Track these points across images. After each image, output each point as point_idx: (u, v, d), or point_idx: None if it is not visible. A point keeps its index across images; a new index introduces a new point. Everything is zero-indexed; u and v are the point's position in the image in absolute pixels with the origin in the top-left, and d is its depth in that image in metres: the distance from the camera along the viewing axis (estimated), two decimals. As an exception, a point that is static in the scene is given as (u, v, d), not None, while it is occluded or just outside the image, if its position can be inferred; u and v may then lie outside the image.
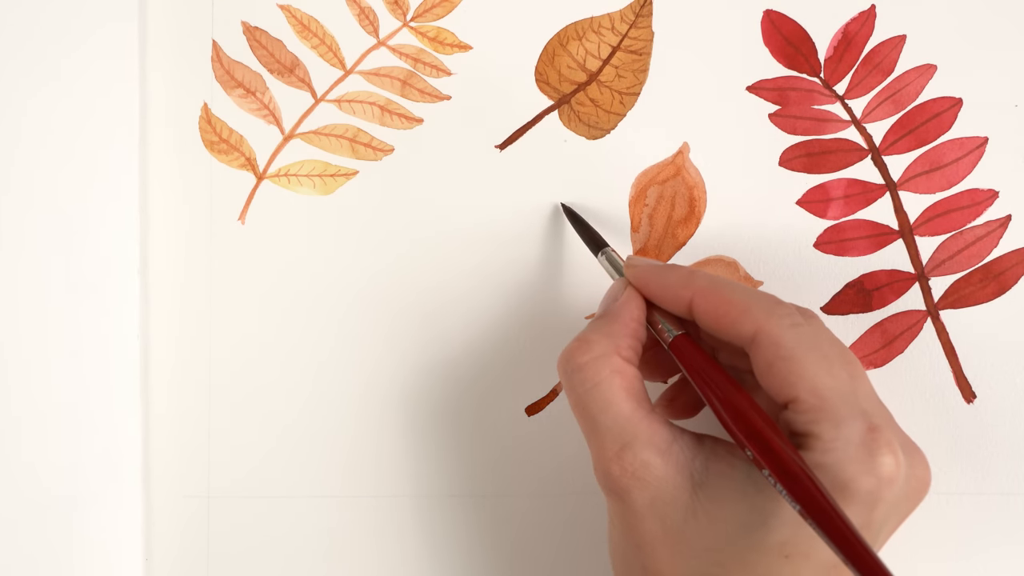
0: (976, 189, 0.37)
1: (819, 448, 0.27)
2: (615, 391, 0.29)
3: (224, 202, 0.38)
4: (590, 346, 0.30)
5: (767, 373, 0.28)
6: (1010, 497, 0.36)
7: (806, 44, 0.37)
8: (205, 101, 0.38)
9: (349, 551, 0.37)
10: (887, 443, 0.27)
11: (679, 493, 0.28)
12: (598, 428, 0.29)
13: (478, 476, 0.37)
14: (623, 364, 0.30)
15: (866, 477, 0.26)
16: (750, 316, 0.29)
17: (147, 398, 0.37)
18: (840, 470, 0.26)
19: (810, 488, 0.25)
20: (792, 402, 0.28)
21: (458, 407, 0.37)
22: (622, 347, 0.30)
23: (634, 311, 0.31)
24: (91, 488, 0.36)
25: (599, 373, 0.29)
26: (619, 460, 0.28)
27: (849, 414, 0.27)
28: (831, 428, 0.27)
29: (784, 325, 0.28)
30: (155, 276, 0.37)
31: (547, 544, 0.37)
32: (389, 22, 0.38)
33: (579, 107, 0.38)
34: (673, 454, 0.29)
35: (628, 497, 0.29)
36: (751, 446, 0.27)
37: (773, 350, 0.28)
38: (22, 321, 0.37)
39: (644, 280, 0.32)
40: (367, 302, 0.37)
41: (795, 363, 0.28)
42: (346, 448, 0.37)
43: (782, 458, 0.26)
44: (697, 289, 0.30)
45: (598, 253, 0.34)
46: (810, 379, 0.27)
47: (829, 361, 0.28)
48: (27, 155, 0.37)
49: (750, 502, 0.28)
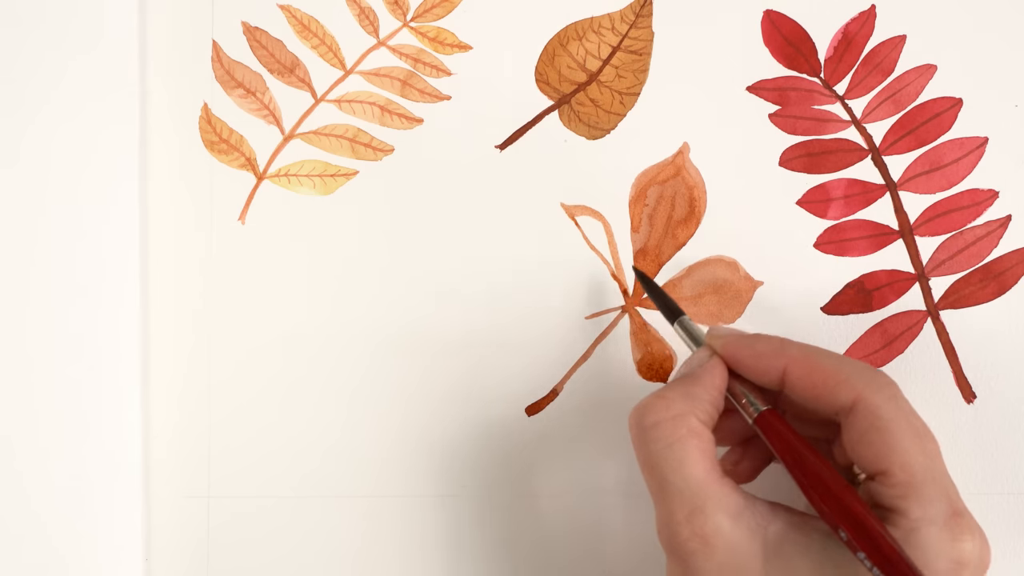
0: (976, 189, 0.37)
1: (904, 526, 0.27)
2: (690, 452, 0.28)
3: (224, 202, 0.38)
4: (668, 404, 0.29)
5: (860, 442, 0.28)
6: (1010, 497, 0.36)
7: (806, 44, 0.37)
8: (205, 101, 0.38)
9: (349, 551, 0.37)
10: (970, 529, 0.27)
11: (750, 561, 0.28)
12: (668, 488, 0.28)
13: (478, 476, 0.37)
14: (700, 427, 0.29)
15: (946, 561, 0.27)
16: (849, 385, 0.29)
17: (147, 398, 0.37)
18: (923, 550, 0.27)
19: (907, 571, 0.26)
20: (881, 475, 0.28)
21: (458, 407, 0.37)
22: (700, 410, 0.29)
23: (717, 379, 0.31)
24: (91, 488, 0.36)
25: (675, 432, 0.29)
26: (689, 523, 0.28)
27: (936, 494, 0.27)
28: (918, 507, 0.27)
29: (884, 396, 0.28)
30: (155, 276, 0.37)
31: (547, 544, 0.37)
32: (389, 22, 0.38)
33: (579, 107, 0.38)
34: (745, 520, 0.28)
35: (695, 562, 0.28)
36: (845, 527, 0.27)
37: (871, 420, 0.28)
38: (22, 321, 0.37)
39: (733, 349, 0.31)
40: (367, 302, 0.37)
41: (890, 436, 0.28)
42: (345, 448, 0.37)
43: (878, 540, 0.26)
44: (791, 359, 0.30)
45: (674, 322, 0.34)
46: (903, 453, 0.27)
47: (920, 437, 0.28)
48: (27, 155, 0.37)
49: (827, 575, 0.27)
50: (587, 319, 0.37)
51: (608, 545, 0.37)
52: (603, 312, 0.37)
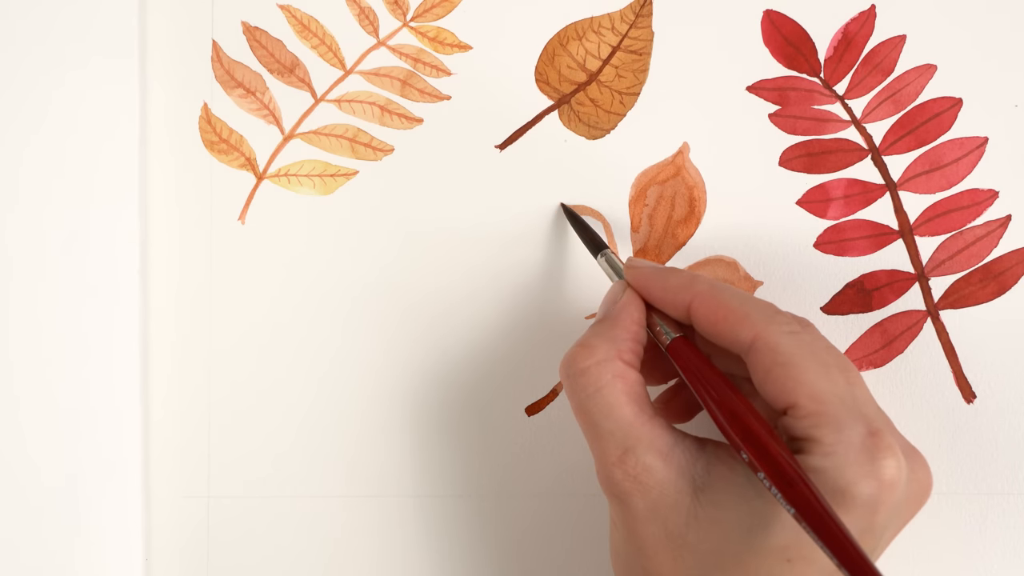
0: (976, 189, 0.37)
1: (819, 452, 0.27)
2: (617, 396, 0.29)
3: (224, 202, 0.38)
4: (592, 351, 0.30)
5: (765, 380, 0.28)
6: (1010, 497, 0.36)
7: (806, 44, 0.37)
8: (205, 101, 0.38)
9: (349, 551, 0.37)
10: (888, 447, 0.27)
11: (681, 497, 0.28)
12: (600, 433, 0.29)
13: (478, 476, 0.37)
14: (625, 368, 0.30)
15: (867, 481, 0.26)
16: (748, 323, 0.29)
17: (147, 398, 0.37)
18: (841, 474, 0.26)
19: (805, 492, 0.25)
20: (791, 408, 0.28)
21: (458, 407, 0.37)
22: (623, 351, 0.30)
23: (634, 314, 0.31)
24: (91, 488, 0.36)
25: (601, 378, 0.29)
26: (621, 464, 0.29)
27: (849, 418, 0.27)
28: (831, 432, 0.27)
29: (782, 332, 0.28)
30: (155, 276, 0.37)
31: (547, 544, 0.37)
32: (389, 22, 0.38)
33: (579, 107, 0.38)
34: (675, 458, 0.29)
35: (630, 501, 0.29)
36: (747, 449, 0.27)
37: (771, 356, 0.28)
38: (23, 321, 0.37)
39: (644, 283, 0.32)
40: (367, 302, 0.37)
41: (793, 369, 0.28)
42: (346, 448, 0.37)
43: (778, 462, 0.26)
44: (696, 294, 0.30)
45: (597, 255, 0.34)
46: (809, 384, 0.27)
47: (827, 367, 0.28)
48: (27, 155, 0.37)
49: (752, 506, 0.27)
50: (587, 319, 0.37)
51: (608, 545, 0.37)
52: (603, 312, 0.37)
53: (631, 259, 0.33)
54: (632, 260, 0.33)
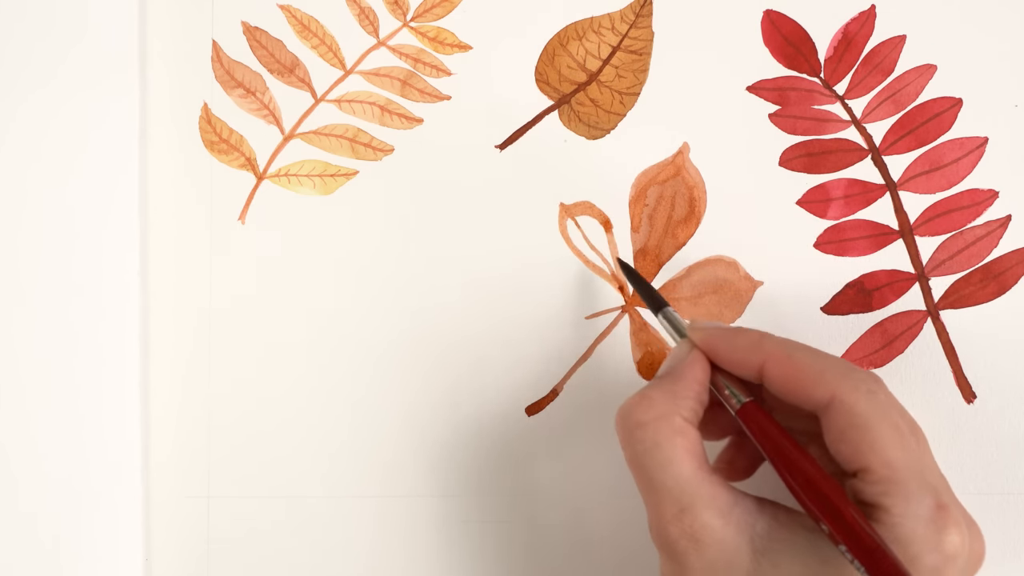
0: (976, 189, 0.37)
1: (887, 522, 0.27)
2: (677, 451, 0.28)
3: (224, 202, 0.38)
4: (652, 404, 0.29)
5: (839, 440, 0.28)
6: (1010, 497, 0.36)
7: (806, 44, 0.37)
8: (205, 101, 0.38)
9: (349, 551, 0.37)
10: (955, 522, 0.27)
11: (739, 558, 0.28)
12: (656, 488, 0.29)
13: (478, 476, 0.37)
14: (685, 425, 0.29)
15: (933, 555, 0.27)
16: (824, 382, 0.28)
17: (147, 398, 0.37)
18: (908, 545, 0.26)
19: (889, 566, 0.25)
20: (863, 471, 0.27)
21: (458, 407, 0.37)
22: (684, 408, 0.29)
23: (699, 374, 0.31)
24: (91, 488, 0.36)
25: (660, 432, 0.29)
26: (678, 522, 0.28)
27: (919, 489, 0.27)
28: (901, 502, 0.27)
29: (860, 392, 0.28)
30: (155, 276, 0.37)
31: (547, 544, 0.37)
32: (389, 22, 0.38)
33: (579, 107, 0.38)
34: (734, 517, 0.28)
35: (686, 560, 0.28)
36: (827, 520, 0.27)
37: (848, 418, 0.28)
38: (22, 321, 0.37)
39: (712, 343, 0.31)
40: (366, 302, 0.37)
41: (869, 432, 0.28)
42: (345, 448, 0.37)
43: (859, 534, 0.26)
44: (768, 354, 0.30)
45: (657, 313, 0.34)
46: (882, 450, 0.27)
47: (901, 432, 0.28)
48: (27, 155, 0.37)
49: (814, 571, 0.27)
50: (587, 319, 0.37)
51: (609, 544, 0.37)
52: (603, 312, 0.37)
53: (695, 321, 0.32)
54: (696, 322, 0.32)
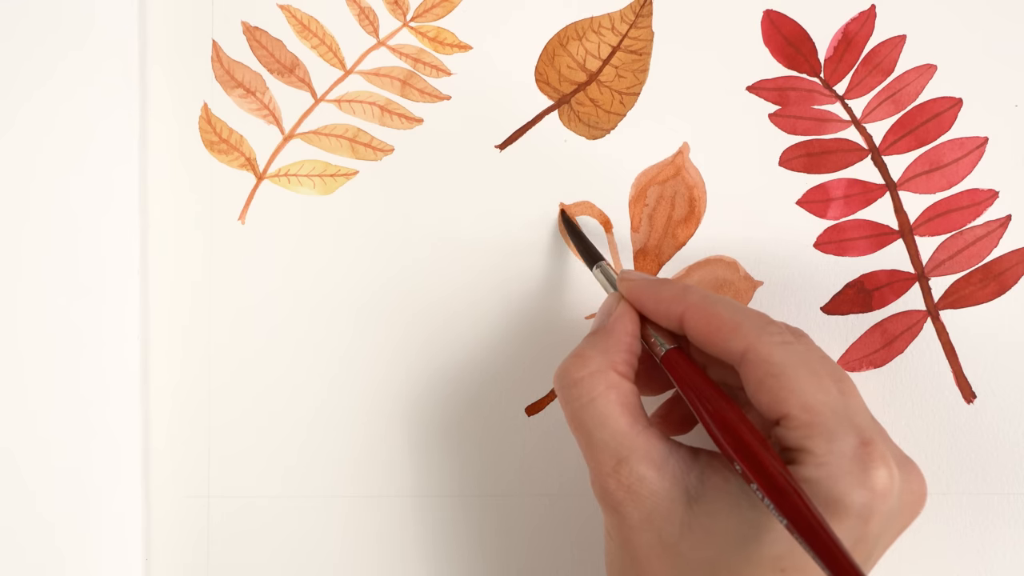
0: (976, 189, 0.37)
1: (812, 463, 0.27)
2: (611, 406, 0.29)
3: (224, 202, 0.38)
4: (585, 361, 0.30)
5: (758, 390, 0.28)
6: (1010, 497, 0.36)
7: (806, 44, 0.37)
8: (205, 101, 0.38)
9: (349, 551, 0.37)
10: (880, 456, 0.27)
11: (674, 507, 0.28)
12: (594, 443, 0.29)
13: (478, 476, 0.37)
14: (618, 379, 0.30)
15: (859, 491, 0.26)
16: (740, 334, 0.29)
17: (147, 398, 0.37)
18: (833, 484, 0.26)
19: (797, 502, 0.25)
20: (783, 418, 0.28)
21: (458, 407, 0.37)
22: (617, 362, 0.30)
23: (628, 325, 0.31)
24: (91, 488, 0.36)
25: (595, 388, 0.29)
26: (615, 474, 0.29)
27: (841, 428, 0.27)
28: (823, 443, 0.27)
29: (774, 343, 0.28)
30: (155, 276, 0.37)
31: (547, 544, 0.37)
32: (389, 22, 0.38)
33: (579, 107, 0.38)
34: (669, 468, 0.29)
35: (624, 511, 0.29)
36: (740, 460, 0.27)
37: (763, 367, 0.28)
38: (22, 321, 0.37)
39: (637, 295, 0.32)
40: (367, 302, 0.38)
41: (785, 379, 0.28)
42: (346, 448, 0.37)
43: (770, 472, 0.26)
44: (689, 305, 0.30)
45: (593, 267, 0.34)
46: (800, 395, 0.27)
47: (819, 377, 0.28)
48: (27, 155, 0.37)
49: (745, 516, 0.27)
50: (587, 319, 0.37)
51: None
52: (603, 312, 0.37)
53: (624, 271, 0.33)
54: (625, 272, 0.33)
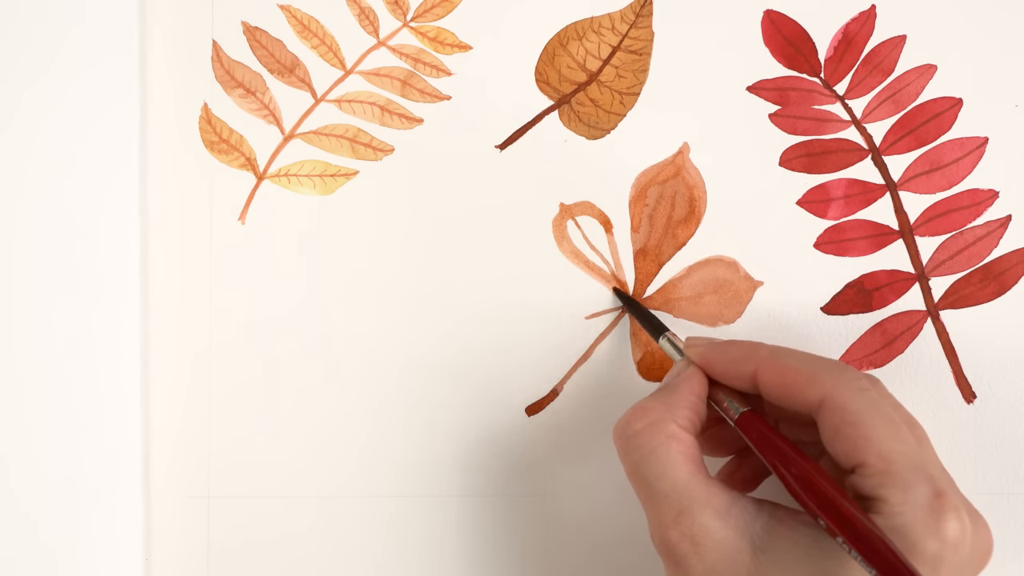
0: (976, 189, 0.37)
1: (886, 512, 0.27)
2: (672, 456, 0.29)
3: (224, 202, 0.38)
4: (646, 412, 0.30)
5: (834, 438, 0.28)
6: (1010, 497, 0.36)
7: (806, 44, 0.37)
8: (205, 101, 0.38)
9: (349, 551, 0.37)
10: (954, 508, 0.27)
11: (740, 557, 0.28)
12: (655, 494, 0.29)
13: (478, 476, 0.37)
14: (679, 431, 0.30)
15: (932, 541, 0.27)
16: (817, 383, 0.29)
17: (147, 398, 0.37)
18: (907, 533, 0.27)
19: (885, 552, 0.25)
20: (860, 467, 0.28)
21: (458, 407, 0.37)
22: (679, 416, 0.30)
23: (694, 386, 0.31)
24: (91, 489, 0.36)
25: (655, 439, 0.29)
26: (677, 525, 0.28)
27: (916, 478, 0.27)
28: (899, 492, 0.27)
29: (852, 390, 0.29)
30: (155, 276, 0.37)
31: (547, 544, 0.37)
32: (389, 22, 0.38)
33: (579, 107, 0.38)
34: (733, 518, 0.28)
35: (688, 563, 0.28)
36: (824, 515, 0.27)
37: (840, 415, 0.28)
38: (22, 321, 0.37)
39: (707, 358, 0.32)
40: (367, 302, 0.37)
41: (863, 428, 0.28)
42: (345, 448, 0.37)
43: (855, 524, 0.26)
44: (760, 361, 0.30)
45: (659, 338, 0.34)
46: (877, 443, 0.28)
47: (895, 425, 0.28)
48: (27, 155, 0.37)
49: (817, 566, 0.27)
50: (587, 319, 0.37)
51: (609, 544, 0.37)
52: (603, 312, 0.37)
53: (691, 337, 0.33)
54: (692, 339, 0.33)
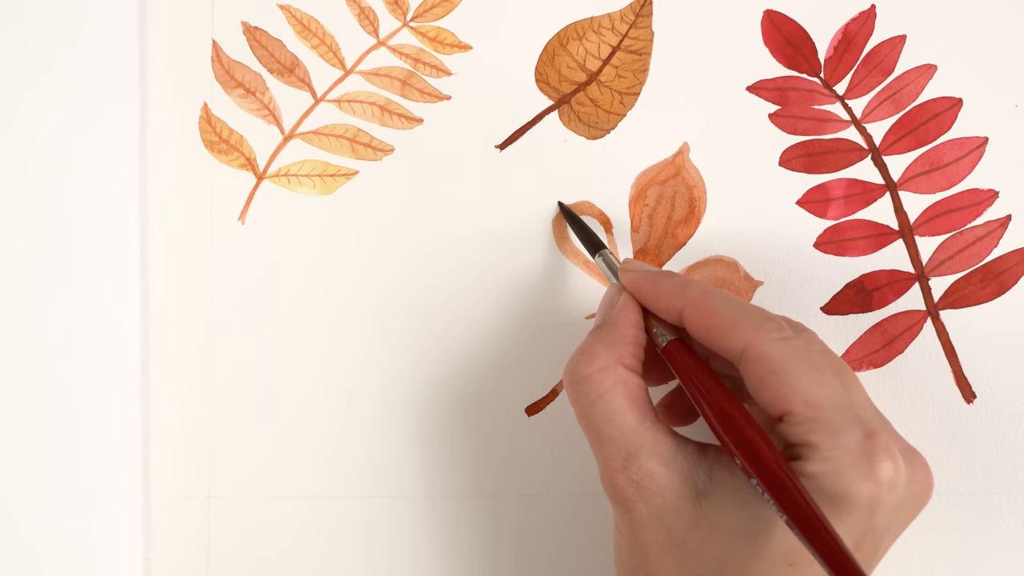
0: (976, 189, 0.37)
1: (816, 458, 0.27)
2: (619, 402, 0.29)
3: (224, 202, 0.38)
4: (592, 358, 0.30)
5: (759, 388, 0.28)
6: (1010, 497, 0.36)
7: (806, 44, 0.37)
8: (205, 101, 0.38)
9: (349, 551, 0.37)
10: (885, 448, 0.27)
11: (683, 502, 0.28)
12: (603, 439, 0.29)
13: (478, 476, 0.37)
14: (627, 374, 0.30)
15: (865, 483, 0.26)
16: (739, 330, 0.29)
17: (147, 398, 0.37)
18: (839, 478, 0.26)
19: (797, 498, 0.25)
20: (786, 415, 0.27)
21: (458, 407, 0.37)
22: (624, 356, 0.30)
23: (632, 317, 0.31)
24: (91, 488, 0.36)
25: (603, 384, 0.29)
26: (624, 470, 0.29)
27: (845, 422, 0.27)
28: (827, 437, 0.27)
29: (773, 339, 0.28)
30: (155, 276, 0.37)
31: (547, 544, 0.37)
32: (389, 22, 0.38)
33: (579, 107, 0.38)
34: (677, 463, 0.29)
35: (633, 507, 0.29)
36: (740, 454, 0.27)
37: (763, 364, 0.28)
38: (22, 321, 0.37)
39: (638, 287, 0.32)
40: (366, 302, 0.37)
41: (786, 376, 0.27)
42: (346, 448, 0.37)
43: (770, 467, 0.26)
44: (688, 300, 0.30)
45: (595, 255, 0.34)
46: (802, 390, 0.27)
47: (820, 371, 0.28)
48: (27, 155, 0.37)
49: (753, 511, 0.27)
50: (587, 319, 0.37)
51: (609, 544, 0.37)
52: (603, 312, 0.37)
53: (626, 261, 0.33)
54: (627, 263, 0.33)
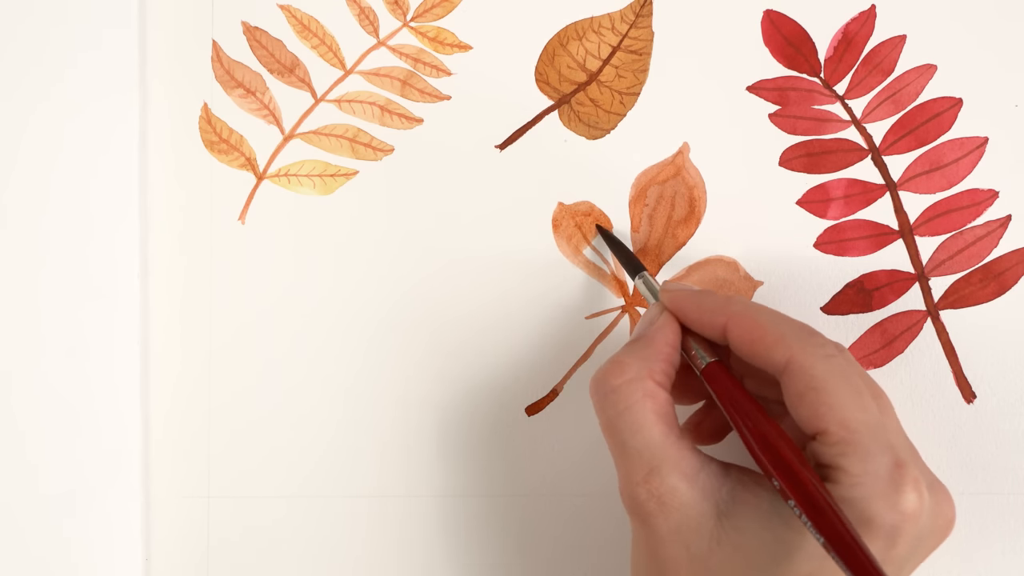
0: (976, 189, 0.37)
1: (846, 482, 0.27)
2: (647, 415, 0.29)
3: (224, 202, 0.38)
4: (623, 369, 0.30)
5: (797, 403, 0.28)
6: (1010, 497, 0.36)
7: (806, 44, 0.37)
8: (205, 101, 0.38)
9: (349, 551, 0.37)
10: (913, 480, 0.27)
11: (704, 520, 0.28)
12: (627, 451, 0.29)
13: (478, 476, 0.37)
14: (655, 388, 0.30)
15: (890, 513, 0.26)
16: (784, 344, 0.29)
17: (147, 398, 0.37)
18: (865, 504, 0.26)
19: (835, 522, 0.25)
20: (821, 434, 0.27)
21: (458, 407, 0.37)
22: (655, 371, 0.30)
23: (669, 336, 0.31)
24: (91, 488, 0.36)
25: (631, 396, 0.29)
26: (646, 484, 0.28)
27: (877, 449, 0.27)
28: (858, 462, 0.27)
29: (817, 355, 0.28)
30: (155, 276, 0.37)
31: (547, 544, 0.37)
32: (389, 22, 0.38)
33: (579, 107, 0.38)
34: (700, 481, 0.29)
35: (653, 521, 0.28)
36: (778, 476, 0.27)
37: (805, 380, 0.28)
38: (23, 321, 0.37)
39: (679, 305, 0.31)
40: (366, 302, 0.37)
41: (826, 394, 0.28)
42: (346, 448, 0.37)
43: (808, 490, 0.26)
44: (732, 315, 0.30)
45: (635, 277, 0.34)
46: (840, 411, 0.27)
47: (860, 394, 0.28)
48: (27, 155, 0.37)
49: (777, 534, 0.27)
50: (587, 319, 0.37)
51: (608, 544, 0.37)
52: (603, 312, 0.37)
53: (667, 282, 0.33)
54: (668, 284, 0.33)
